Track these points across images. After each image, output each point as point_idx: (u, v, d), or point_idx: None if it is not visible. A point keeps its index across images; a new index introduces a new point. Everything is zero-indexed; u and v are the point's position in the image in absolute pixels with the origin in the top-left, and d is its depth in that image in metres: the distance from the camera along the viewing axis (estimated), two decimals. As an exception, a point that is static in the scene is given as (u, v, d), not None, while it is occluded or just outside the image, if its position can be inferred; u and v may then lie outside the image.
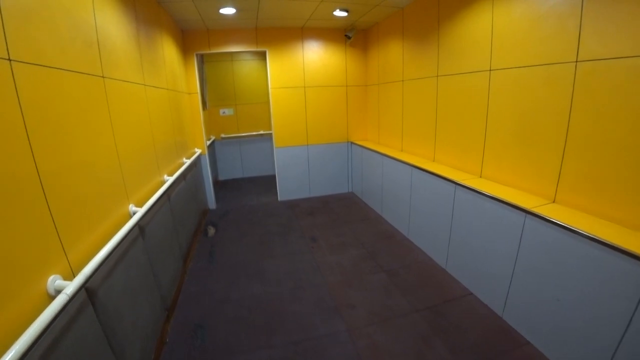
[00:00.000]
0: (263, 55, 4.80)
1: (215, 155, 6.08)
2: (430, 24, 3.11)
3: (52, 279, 1.10)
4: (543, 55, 1.99)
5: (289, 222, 4.13)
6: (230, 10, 3.42)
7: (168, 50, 3.26)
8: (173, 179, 2.61)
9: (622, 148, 1.62)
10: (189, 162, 3.43)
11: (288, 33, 4.42)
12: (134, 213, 1.82)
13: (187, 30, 4.16)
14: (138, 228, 1.91)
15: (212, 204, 4.74)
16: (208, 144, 4.75)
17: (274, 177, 4.99)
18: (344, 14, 3.75)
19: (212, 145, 5.62)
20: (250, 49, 4.41)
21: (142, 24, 2.45)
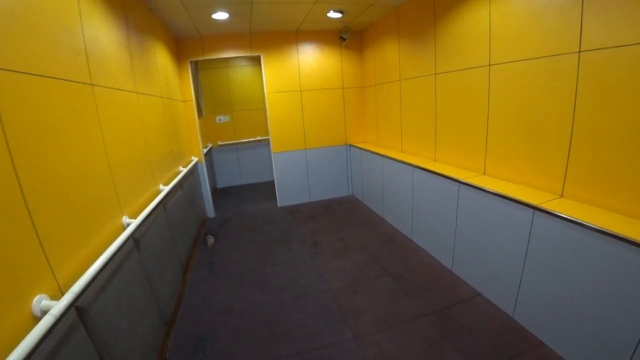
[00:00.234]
0: (258, 61, 4.76)
1: (213, 163, 6.02)
2: (427, 22, 3.07)
3: (37, 299, 1.03)
4: (544, 47, 1.94)
5: (290, 228, 4.05)
6: (223, 16, 3.38)
7: (161, 58, 3.21)
8: (169, 188, 2.55)
9: (630, 138, 1.57)
10: (186, 170, 3.36)
11: (282, 37, 4.38)
12: (128, 225, 1.75)
13: (180, 38, 4.12)
14: (132, 240, 1.84)
15: (210, 213, 4.67)
16: (205, 152, 4.69)
17: (273, 183, 4.93)
18: (338, 15, 3.71)
19: (209, 153, 5.56)
20: (245, 54, 4.37)
21: (133, 32, 2.40)
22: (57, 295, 1.12)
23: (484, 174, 2.59)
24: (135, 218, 1.82)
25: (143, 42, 2.66)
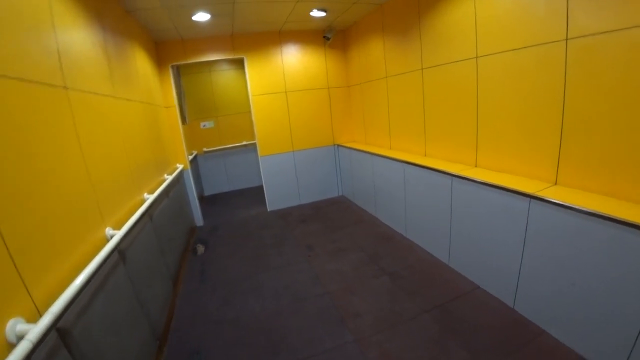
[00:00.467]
0: (241, 64, 4.67)
1: (199, 171, 5.85)
2: (411, 18, 3.07)
3: (12, 324, 0.92)
4: (531, 37, 1.95)
5: (282, 232, 3.96)
6: (205, 17, 3.28)
7: (141, 61, 3.08)
8: (154, 197, 2.42)
9: (620, 122, 1.58)
10: (171, 178, 3.23)
11: (265, 38, 4.31)
12: (112, 236, 1.64)
13: (161, 42, 3.98)
14: (117, 252, 1.72)
15: (199, 221, 4.52)
16: (190, 159, 4.55)
17: (262, 187, 4.83)
18: (322, 14, 3.67)
19: (194, 160, 5.40)
20: (228, 57, 4.27)
21: (109, 33, 2.29)
22: (34, 318, 1.01)
23: (476, 166, 2.59)
24: (120, 229, 1.71)
25: (121, 44, 2.54)
